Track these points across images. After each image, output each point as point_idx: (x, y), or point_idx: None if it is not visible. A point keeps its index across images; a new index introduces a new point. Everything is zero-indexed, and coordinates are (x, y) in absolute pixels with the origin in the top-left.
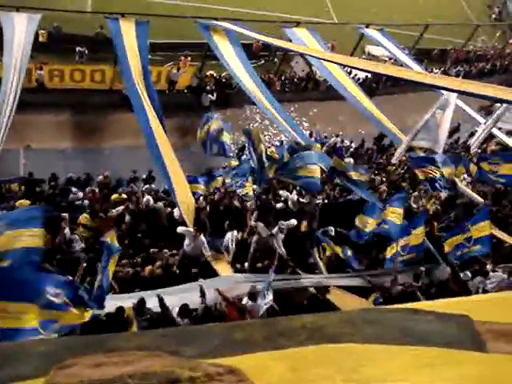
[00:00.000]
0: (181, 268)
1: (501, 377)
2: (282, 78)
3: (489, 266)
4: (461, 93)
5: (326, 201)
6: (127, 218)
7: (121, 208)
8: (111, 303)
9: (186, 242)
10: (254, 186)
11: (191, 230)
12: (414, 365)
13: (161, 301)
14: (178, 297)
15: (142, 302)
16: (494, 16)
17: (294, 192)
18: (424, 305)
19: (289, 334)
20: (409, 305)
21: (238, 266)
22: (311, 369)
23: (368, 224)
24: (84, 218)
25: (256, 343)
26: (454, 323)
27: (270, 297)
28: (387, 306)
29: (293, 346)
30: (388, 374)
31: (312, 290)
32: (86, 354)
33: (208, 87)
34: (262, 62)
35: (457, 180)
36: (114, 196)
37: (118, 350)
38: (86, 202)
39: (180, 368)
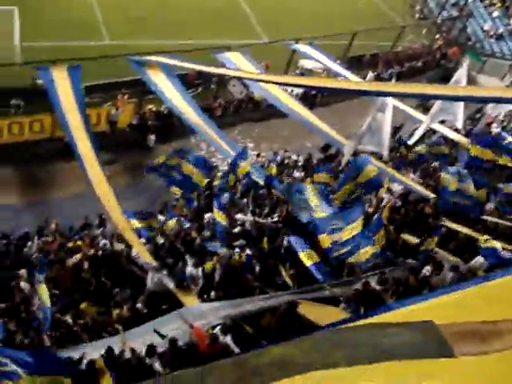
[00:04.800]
0: (149, 307)
1: (472, 381)
2: (222, 103)
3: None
4: (394, 95)
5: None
6: (86, 264)
7: (78, 255)
8: (79, 352)
9: (149, 277)
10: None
11: (153, 262)
12: None
13: (132, 349)
14: (146, 336)
15: (109, 352)
16: (417, 15)
17: (249, 214)
18: (389, 316)
19: (260, 372)
20: (375, 318)
21: (205, 296)
22: None
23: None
24: None
25: None
26: (419, 332)
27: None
28: (354, 324)
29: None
30: None
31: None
32: None
33: (149, 122)
34: (200, 89)
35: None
36: (70, 244)
37: None
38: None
39: None
